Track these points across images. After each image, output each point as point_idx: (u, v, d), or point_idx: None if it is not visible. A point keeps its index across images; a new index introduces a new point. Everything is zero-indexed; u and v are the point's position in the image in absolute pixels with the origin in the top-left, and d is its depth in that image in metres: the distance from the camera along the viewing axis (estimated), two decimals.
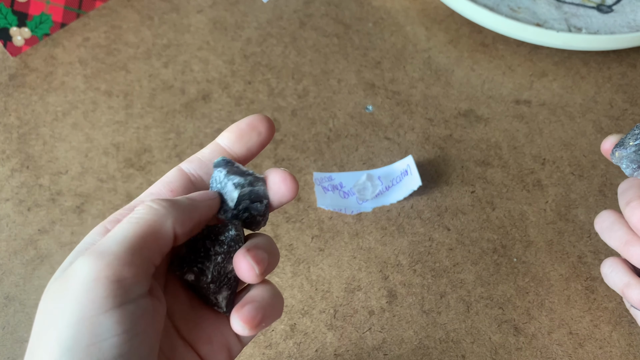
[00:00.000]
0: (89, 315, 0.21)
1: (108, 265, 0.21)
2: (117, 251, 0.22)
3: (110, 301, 0.21)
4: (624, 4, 0.59)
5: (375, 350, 0.42)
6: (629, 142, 0.34)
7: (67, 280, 0.22)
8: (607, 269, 0.37)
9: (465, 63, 0.58)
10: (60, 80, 0.56)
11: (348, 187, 0.49)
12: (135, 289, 0.22)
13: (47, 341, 0.21)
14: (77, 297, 0.21)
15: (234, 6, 0.62)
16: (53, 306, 0.22)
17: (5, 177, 0.50)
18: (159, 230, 0.24)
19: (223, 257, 0.27)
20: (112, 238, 0.23)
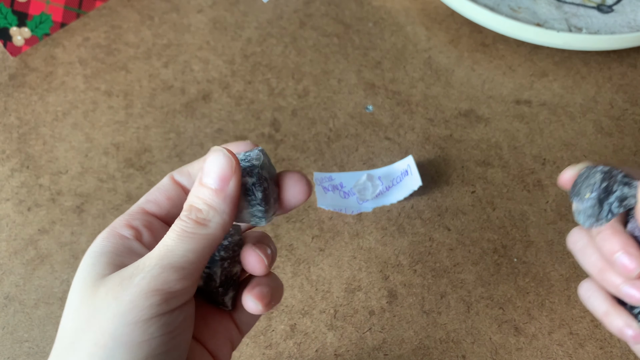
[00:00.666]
0: (144, 319, 0.23)
1: (166, 281, 0.24)
2: (178, 266, 0.24)
3: (163, 308, 0.24)
4: (624, 4, 0.59)
5: (376, 350, 0.42)
6: (585, 193, 0.31)
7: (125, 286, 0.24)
8: (585, 293, 0.35)
9: (465, 63, 0.58)
10: (60, 80, 0.56)
11: (348, 187, 0.49)
12: (184, 298, 0.25)
13: (98, 335, 0.23)
14: (135, 302, 0.23)
15: (234, 6, 0.62)
16: (107, 306, 0.24)
17: (6, 177, 0.50)
18: (215, 243, 0.26)
19: (229, 261, 0.28)
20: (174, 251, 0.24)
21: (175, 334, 0.24)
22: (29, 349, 0.42)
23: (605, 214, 0.31)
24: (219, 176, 0.25)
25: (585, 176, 0.32)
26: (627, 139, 0.53)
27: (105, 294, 0.24)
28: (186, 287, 0.25)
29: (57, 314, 0.44)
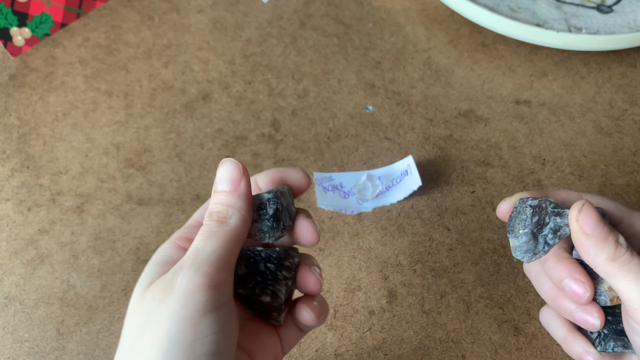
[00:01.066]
0: (193, 317, 0.24)
1: (206, 275, 0.25)
2: (211, 261, 0.26)
3: (210, 304, 0.25)
4: (624, 4, 0.59)
5: (376, 350, 0.42)
6: (519, 229, 0.31)
7: (168, 288, 0.25)
8: (545, 320, 0.35)
9: (465, 63, 0.58)
10: (61, 80, 0.56)
11: (348, 187, 0.49)
12: (227, 292, 0.26)
13: (152, 337, 0.24)
14: (181, 301, 0.25)
15: (234, 6, 0.62)
16: (156, 309, 0.25)
17: (6, 177, 0.50)
18: (240, 237, 0.28)
19: (292, 281, 0.30)
20: (202, 251, 0.26)
21: (225, 332, 0.25)
22: (29, 349, 0.42)
23: (541, 247, 0.31)
24: (230, 179, 0.28)
25: (517, 211, 0.32)
26: (627, 139, 0.53)
27: (152, 298, 0.26)
28: (224, 280, 0.26)
29: (57, 314, 0.44)
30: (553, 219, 0.30)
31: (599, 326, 0.30)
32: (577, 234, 0.29)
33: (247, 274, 0.30)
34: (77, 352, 0.42)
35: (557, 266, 0.31)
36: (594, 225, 0.29)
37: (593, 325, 0.30)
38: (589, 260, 0.29)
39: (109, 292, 0.45)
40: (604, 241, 0.28)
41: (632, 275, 0.28)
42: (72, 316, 0.44)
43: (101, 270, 0.46)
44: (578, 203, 0.29)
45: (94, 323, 0.43)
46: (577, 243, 0.29)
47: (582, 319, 0.31)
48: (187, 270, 0.25)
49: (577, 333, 0.33)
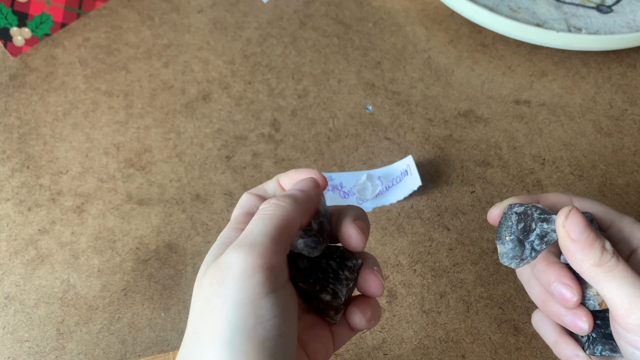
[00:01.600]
0: (252, 299, 0.24)
1: (261, 255, 0.25)
2: (265, 242, 0.25)
3: (268, 286, 0.25)
4: (624, 4, 0.59)
5: (375, 350, 0.42)
6: (505, 236, 0.31)
7: (224, 270, 0.25)
8: (536, 323, 0.35)
9: (465, 63, 0.58)
10: (61, 80, 0.56)
11: (348, 187, 0.49)
12: (283, 275, 0.26)
13: (215, 322, 0.24)
14: (239, 283, 0.24)
15: (234, 6, 0.62)
16: (214, 293, 0.25)
17: (6, 177, 0.50)
18: (291, 223, 0.27)
19: (353, 283, 0.30)
20: (256, 232, 0.26)
21: (285, 316, 0.25)
22: (29, 349, 0.42)
23: (528, 252, 0.31)
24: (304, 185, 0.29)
25: (504, 217, 0.32)
26: (627, 139, 0.53)
27: (210, 282, 0.25)
28: (279, 263, 0.26)
29: (57, 313, 0.44)
30: (540, 225, 0.30)
31: (587, 330, 0.31)
32: (563, 239, 0.29)
33: (308, 267, 0.30)
34: (77, 352, 0.42)
35: (546, 270, 0.31)
36: (580, 231, 0.29)
37: (581, 329, 0.31)
38: (575, 265, 0.29)
39: (109, 292, 0.45)
40: (590, 247, 0.29)
41: (617, 282, 0.28)
42: (72, 316, 0.44)
43: (101, 270, 0.46)
44: (565, 209, 0.29)
45: (94, 323, 0.43)
46: (564, 249, 0.30)
47: (571, 322, 0.31)
48: (242, 250, 0.25)
49: (567, 336, 0.33)
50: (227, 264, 0.25)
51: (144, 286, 0.45)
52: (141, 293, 0.45)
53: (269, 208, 0.27)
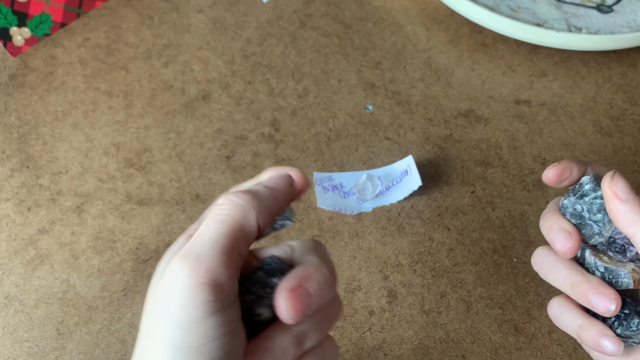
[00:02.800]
0: (197, 319, 0.22)
1: (207, 270, 0.23)
2: (214, 254, 0.23)
3: (214, 305, 0.22)
4: (624, 4, 0.59)
5: (376, 350, 0.42)
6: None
7: (167, 287, 0.23)
8: (556, 311, 0.34)
9: (465, 63, 0.58)
10: (61, 80, 0.56)
11: (348, 187, 0.49)
12: (232, 291, 0.23)
13: (157, 340, 0.23)
14: (182, 302, 0.22)
15: (234, 6, 0.62)
16: (158, 312, 0.23)
17: (6, 177, 0.50)
18: (245, 225, 0.24)
19: (254, 297, 0.26)
20: (205, 239, 0.23)
21: (233, 335, 0.23)
22: (29, 349, 0.42)
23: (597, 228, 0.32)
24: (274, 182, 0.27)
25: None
26: (627, 139, 0.53)
27: (155, 297, 0.24)
28: (229, 277, 0.23)
29: (57, 313, 0.44)
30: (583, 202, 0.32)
31: (614, 310, 0.30)
32: (612, 201, 0.29)
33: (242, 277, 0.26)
34: (77, 352, 0.42)
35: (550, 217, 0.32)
36: (627, 191, 0.29)
37: (608, 308, 0.30)
38: (625, 227, 0.29)
39: (109, 292, 0.45)
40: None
41: None
42: (72, 316, 0.44)
43: (101, 270, 0.46)
44: (609, 173, 0.29)
45: (94, 323, 0.43)
46: (613, 210, 0.29)
47: (597, 302, 0.30)
48: (186, 264, 0.23)
49: (593, 318, 0.32)
50: (170, 279, 0.23)
51: (144, 286, 0.45)
52: (141, 293, 0.45)
53: (223, 206, 0.25)
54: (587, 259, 0.32)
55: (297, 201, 0.30)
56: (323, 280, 0.25)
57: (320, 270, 0.25)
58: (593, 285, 0.31)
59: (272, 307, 0.25)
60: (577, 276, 0.32)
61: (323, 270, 0.25)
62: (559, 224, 0.31)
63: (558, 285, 0.33)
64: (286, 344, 0.25)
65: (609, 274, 0.31)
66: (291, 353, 0.25)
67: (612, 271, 0.31)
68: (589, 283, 0.31)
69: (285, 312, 0.24)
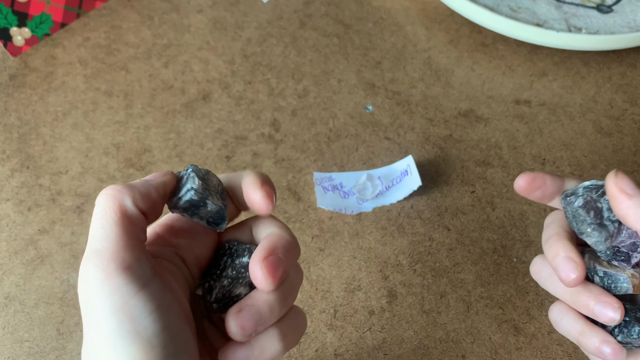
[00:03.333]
0: (122, 304, 0.23)
1: (110, 261, 0.24)
2: (108, 245, 0.24)
3: (131, 287, 0.24)
4: (624, 4, 0.59)
5: (376, 350, 0.42)
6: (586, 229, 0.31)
7: (84, 285, 0.24)
8: (557, 316, 0.33)
9: (465, 63, 0.58)
10: (61, 80, 0.56)
11: (348, 187, 0.49)
12: (146, 269, 0.25)
13: (98, 336, 0.24)
14: (101, 294, 0.23)
15: (234, 6, 0.62)
16: (87, 309, 0.24)
17: (6, 177, 0.50)
18: (124, 209, 0.25)
19: (230, 281, 0.28)
20: (97, 235, 0.25)
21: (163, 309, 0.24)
22: (29, 349, 0.42)
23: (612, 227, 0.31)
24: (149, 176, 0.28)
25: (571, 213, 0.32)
26: (627, 139, 0.53)
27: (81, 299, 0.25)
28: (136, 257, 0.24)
29: (57, 313, 0.44)
30: (603, 200, 0.31)
31: (619, 319, 0.30)
32: (618, 197, 0.29)
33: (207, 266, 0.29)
34: (77, 352, 0.42)
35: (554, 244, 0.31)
36: (633, 186, 0.29)
37: (612, 318, 0.30)
38: (636, 222, 0.29)
39: None
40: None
41: None
42: (72, 316, 0.44)
43: None
44: (611, 172, 0.29)
45: None
46: (619, 207, 0.29)
47: (601, 312, 0.30)
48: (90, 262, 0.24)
49: (594, 325, 0.32)
50: (83, 278, 0.24)
51: None
52: None
53: (98, 203, 0.26)
54: (585, 263, 0.32)
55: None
56: (287, 244, 0.27)
57: (282, 236, 0.28)
58: (595, 295, 0.31)
59: (249, 284, 0.27)
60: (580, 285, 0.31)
61: (285, 236, 0.28)
62: (566, 251, 0.31)
63: (557, 294, 0.33)
64: (271, 301, 0.27)
65: (608, 279, 0.31)
66: (276, 311, 0.27)
67: (611, 276, 0.31)
68: (590, 292, 0.31)
69: (263, 279, 0.26)
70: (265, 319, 0.27)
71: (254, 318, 0.26)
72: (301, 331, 0.29)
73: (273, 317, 0.27)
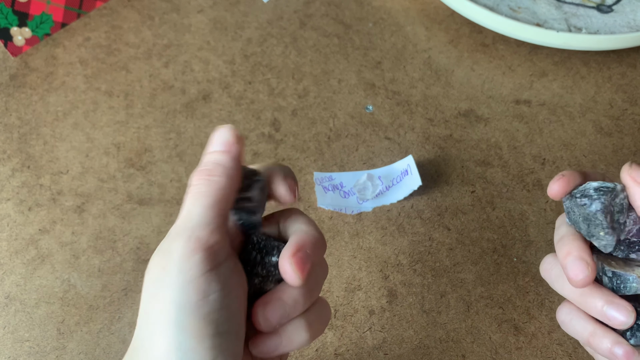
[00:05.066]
0: (193, 279, 0.25)
1: (198, 239, 0.26)
2: (200, 224, 0.26)
3: (207, 264, 0.26)
4: (624, 4, 0.59)
5: (376, 349, 0.42)
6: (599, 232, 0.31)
7: (167, 257, 0.26)
8: (565, 317, 0.33)
9: (465, 63, 0.58)
10: (61, 80, 0.56)
11: (348, 186, 0.49)
12: (222, 252, 0.27)
13: (160, 302, 0.25)
14: (179, 267, 0.25)
15: (234, 6, 0.62)
16: (159, 277, 0.26)
17: (6, 177, 0.50)
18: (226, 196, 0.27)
19: (261, 279, 0.29)
20: (193, 214, 0.27)
21: (226, 291, 0.26)
22: (30, 349, 0.42)
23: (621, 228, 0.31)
24: (223, 142, 0.29)
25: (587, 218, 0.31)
26: (627, 138, 0.53)
27: (155, 267, 0.26)
28: (219, 240, 0.26)
29: (57, 313, 0.44)
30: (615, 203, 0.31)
31: (631, 322, 0.29)
32: (635, 188, 0.29)
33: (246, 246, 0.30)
34: (77, 352, 0.42)
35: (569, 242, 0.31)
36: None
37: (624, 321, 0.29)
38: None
39: (110, 292, 0.45)
40: None
41: None
42: (72, 316, 0.44)
43: (102, 270, 0.46)
44: (626, 165, 0.30)
45: (95, 323, 0.43)
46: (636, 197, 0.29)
47: (612, 315, 0.30)
48: (180, 238, 0.26)
49: (604, 327, 0.31)
50: (168, 250, 0.26)
51: None
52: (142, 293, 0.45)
53: (200, 185, 0.28)
54: None
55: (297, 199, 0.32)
56: (314, 240, 0.29)
57: (310, 233, 0.30)
58: (606, 297, 0.30)
59: (278, 280, 0.29)
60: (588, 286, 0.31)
61: (312, 233, 0.30)
62: (579, 251, 0.30)
63: (566, 294, 0.32)
64: (296, 295, 0.29)
65: (617, 279, 0.31)
66: (300, 304, 0.29)
67: (620, 276, 0.30)
68: (600, 294, 0.30)
69: (293, 274, 0.28)
70: (290, 311, 0.28)
71: (279, 311, 0.28)
72: (326, 321, 0.31)
73: (297, 309, 0.29)
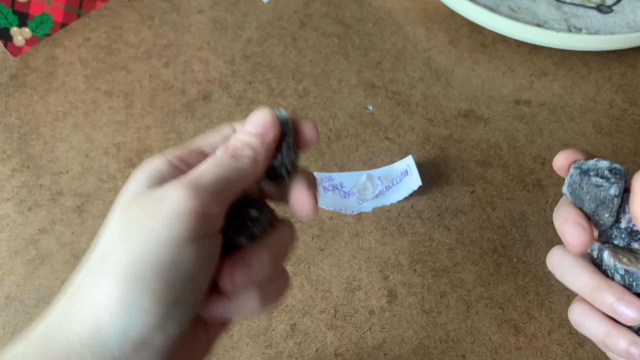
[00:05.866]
0: (178, 241, 0.23)
1: (202, 200, 0.24)
2: (211, 189, 0.25)
3: (196, 232, 0.24)
4: (624, 4, 0.59)
5: (376, 349, 0.42)
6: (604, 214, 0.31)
7: (158, 204, 0.24)
8: (579, 316, 0.31)
9: (465, 63, 0.58)
10: (61, 80, 0.56)
11: (348, 187, 0.49)
12: (215, 225, 0.25)
13: (129, 252, 0.23)
14: (168, 221, 0.23)
15: (234, 6, 0.62)
16: (139, 223, 0.24)
17: (6, 177, 0.50)
18: (245, 181, 0.26)
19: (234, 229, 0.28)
20: (207, 176, 0.25)
21: (202, 264, 0.24)
22: None
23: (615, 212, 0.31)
24: (261, 125, 0.28)
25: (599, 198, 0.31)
26: (627, 139, 0.53)
27: (138, 210, 0.24)
28: (217, 213, 0.25)
29: None
30: None
31: None
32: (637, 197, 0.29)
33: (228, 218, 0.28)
34: None
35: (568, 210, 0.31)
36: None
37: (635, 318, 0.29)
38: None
39: None
40: None
41: None
42: None
43: None
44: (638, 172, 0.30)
45: None
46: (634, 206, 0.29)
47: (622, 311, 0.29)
48: (185, 190, 0.24)
49: (621, 326, 0.30)
50: (163, 198, 0.24)
51: None
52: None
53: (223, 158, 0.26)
54: (605, 260, 0.31)
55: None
56: None
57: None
58: (617, 293, 0.29)
59: (249, 236, 0.28)
60: (599, 281, 0.30)
61: None
62: (575, 217, 0.30)
63: (576, 289, 0.31)
64: (264, 259, 0.27)
65: (630, 277, 0.30)
66: (267, 269, 0.27)
67: (632, 274, 0.30)
68: (612, 289, 0.30)
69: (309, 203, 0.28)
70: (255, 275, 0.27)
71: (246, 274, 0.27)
72: (281, 292, 0.29)
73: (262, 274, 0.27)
